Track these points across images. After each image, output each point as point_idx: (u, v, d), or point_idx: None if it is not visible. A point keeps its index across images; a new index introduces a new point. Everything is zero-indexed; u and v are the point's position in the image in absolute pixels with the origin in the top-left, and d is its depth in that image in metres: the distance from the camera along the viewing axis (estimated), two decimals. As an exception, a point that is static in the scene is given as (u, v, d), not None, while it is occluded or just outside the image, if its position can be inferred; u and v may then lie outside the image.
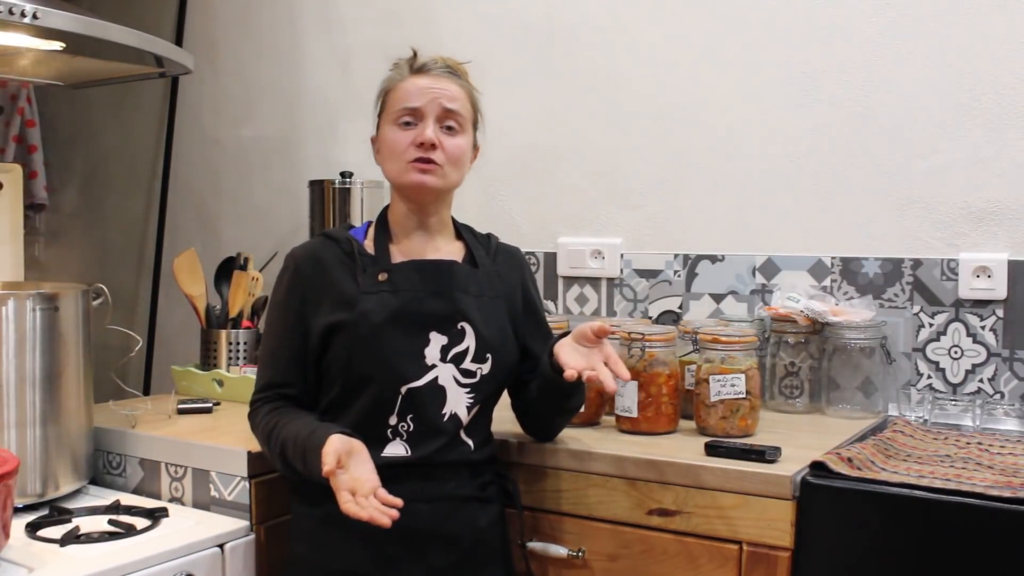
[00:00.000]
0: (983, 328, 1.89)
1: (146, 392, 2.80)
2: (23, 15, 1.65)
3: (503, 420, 1.70)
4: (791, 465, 1.50)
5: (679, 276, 2.18)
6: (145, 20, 2.79)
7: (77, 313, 1.77)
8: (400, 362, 1.53)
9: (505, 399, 1.68)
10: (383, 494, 1.37)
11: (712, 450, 1.56)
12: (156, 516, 1.67)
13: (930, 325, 1.93)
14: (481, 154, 1.68)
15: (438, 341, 1.55)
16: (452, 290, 1.57)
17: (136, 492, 1.84)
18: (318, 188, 2.40)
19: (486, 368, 1.57)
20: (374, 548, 1.49)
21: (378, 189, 2.37)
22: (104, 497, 1.79)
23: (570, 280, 2.31)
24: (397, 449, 1.53)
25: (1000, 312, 1.88)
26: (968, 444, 1.65)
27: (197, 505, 1.76)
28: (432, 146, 1.54)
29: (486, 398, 1.59)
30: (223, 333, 2.23)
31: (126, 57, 2.00)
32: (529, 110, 2.35)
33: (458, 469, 1.57)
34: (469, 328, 1.56)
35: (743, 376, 1.69)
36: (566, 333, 1.60)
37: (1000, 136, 1.88)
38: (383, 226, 1.63)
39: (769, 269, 2.09)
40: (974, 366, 1.89)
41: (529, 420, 1.69)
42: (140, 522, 1.65)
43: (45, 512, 1.68)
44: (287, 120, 2.72)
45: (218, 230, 2.85)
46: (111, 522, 1.65)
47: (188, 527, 1.65)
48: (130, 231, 3.04)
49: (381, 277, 1.55)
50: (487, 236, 1.71)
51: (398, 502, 1.36)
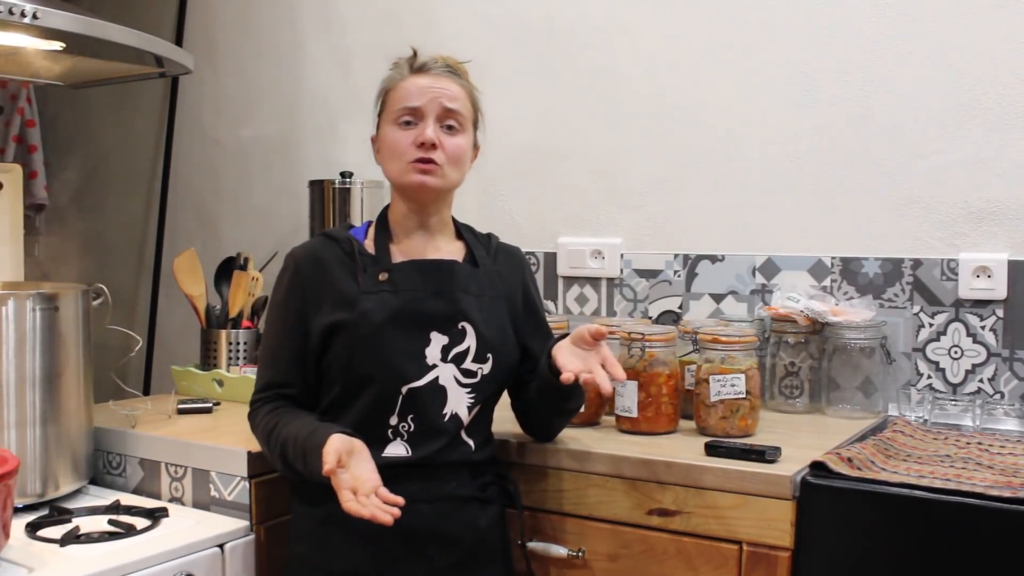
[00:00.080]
0: (983, 328, 1.89)
1: (146, 392, 2.81)
2: (23, 15, 1.65)
3: (503, 420, 1.70)
4: (791, 465, 1.50)
5: (679, 276, 2.18)
6: (145, 20, 2.79)
7: (77, 313, 1.77)
8: (401, 362, 1.52)
9: (505, 399, 1.68)
10: (384, 493, 1.37)
11: (712, 450, 1.56)
12: (156, 516, 1.67)
13: (930, 325, 1.93)
14: (481, 154, 1.68)
15: (439, 341, 1.55)
16: (453, 290, 1.57)
17: (136, 492, 1.84)
18: (318, 188, 2.40)
19: (487, 368, 1.57)
20: (374, 548, 1.49)
21: (378, 189, 2.37)
22: (104, 497, 1.79)
23: (570, 280, 2.31)
24: (398, 449, 1.53)
25: (1000, 312, 1.88)
26: (968, 444, 1.65)
27: (197, 505, 1.76)
28: (432, 146, 1.54)
29: (487, 398, 1.59)
30: (223, 333, 2.24)
31: (126, 57, 2.00)
32: (529, 110, 2.35)
33: (459, 469, 1.57)
34: (470, 328, 1.56)
35: (743, 376, 1.69)
36: (566, 334, 1.60)
37: (1000, 136, 1.88)
38: (383, 226, 1.63)
39: (769, 269, 2.09)
40: (974, 366, 1.90)
41: (529, 420, 1.69)
42: (140, 522, 1.65)
43: (45, 512, 1.68)
44: (287, 120, 2.72)
45: (218, 230, 2.85)
46: (111, 522, 1.65)
47: (188, 527, 1.65)
48: (130, 231, 3.04)
49: (382, 277, 1.55)
50: (487, 236, 1.71)
51: (400, 500, 1.36)
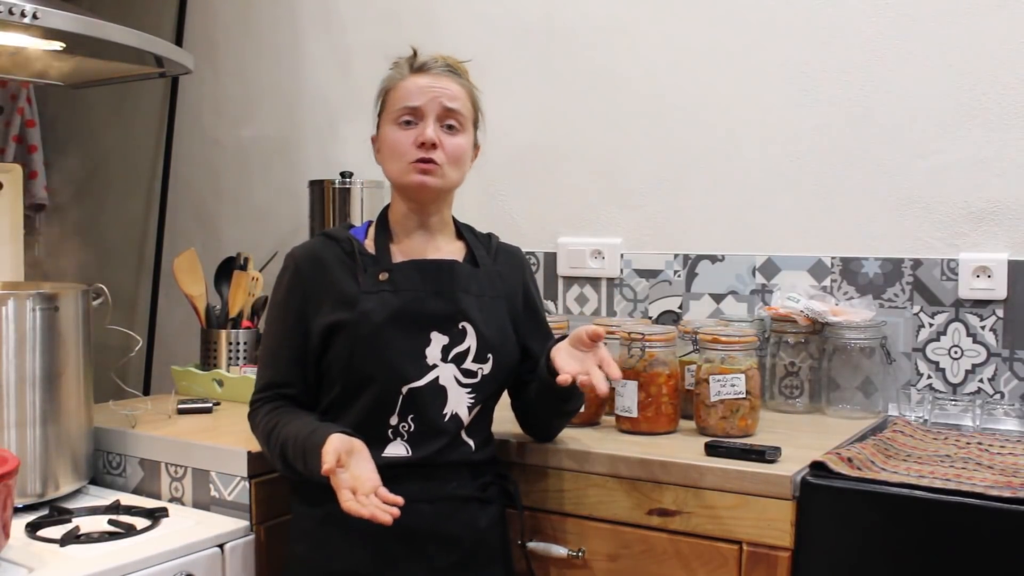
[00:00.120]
0: (983, 328, 1.89)
1: (146, 392, 2.80)
2: (23, 15, 1.65)
3: (503, 420, 1.69)
4: (791, 465, 1.50)
5: (679, 276, 2.18)
6: (145, 20, 2.79)
7: (77, 313, 1.77)
8: (401, 362, 1.52)
9: (505, 399, 1.68)
10: (384, 492, 1.37)
11: (712, 450, 1.56)
12: (156, 516, 1.67)
13: (930, 325, 1.93)
14: (481, 154, 1.68)
15: (439, 341, 1.55)
16: (453, 290, 1.57)
17: (136, 492, 1.84)
18: (318, 188, 2.40)
19: (487, 368, 1.57)
20: (374, 548, 1.49)
21: (378, 189, 2.37)
22: (104, 497, 1.79)
23: (570, 280, 2.31)
24: (398, 449, 1.53)
25: (1000, 312, 1.88)
26: (968, 444, 1.65)
27: (197, 505, 1.76)
28: (433, 145, 1.54)
29: (487, 398, 1.59)
30: (223, 333, 2.23)
31: (126, 57, 2.00)
32: (529, 110, 2.35)
33: (459, 469, 1.57)
34: (470, 328, 1.56)
35: (743, 376, 1.69)
36: (566, 335, 1.60)
37: (1000, 136, 1.88)
38: (383, 225, 1.63)
39: (769, 269, 2.09)
40: (974, 366, 1.89)
41: (529, 421, 1.69)
42: (140, 522, 1.65)
43: (45, 512, 1.68)
44: (287, 120, 2.72)
45: (218, 230, 2.85)
46: (111, 522, 1.65)
47: (188, 527, 1.65)
48: (130, 231, 3.04)
49: (382, 277, 1.55)
50: (488, 236, 1.71)
51: (399, 500, 1.36)
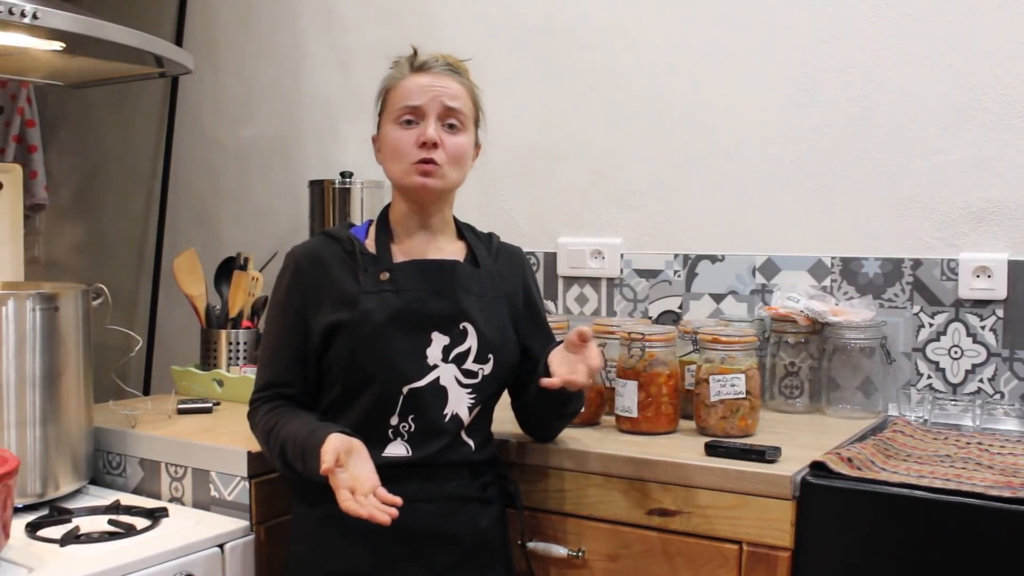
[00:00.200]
0: (983, 328, 1.88)
1: (146, 392, 2.80)
2: (23, 15, 1.65)
3: (503, 420, 1.69)
4: (791, 465, 1.50)
5: (679, 276, 2.18)
6: (145, 20, 2.79)
7: (77, 313, 1.77)
8: (402, 362, 1.52)
9: (505, 399, 1.68)
10: (383, 493, 1.37)
11: (712, 450, 1.56)
12: (156, 516, 1.67)
13: (930, 325, 1.93)
14: (481, 153, 1.67)
15: (440, 341, 1.54)
16: (455, 290, 1.57)
17: (136, 492, 1.84)
18: (318, 188, 2.40)
19: (488, 369, 1.57)
20: (374, 548, 1.49)
21: (378, 189, 2.37)
22: (104, 497, 1.79)
23: (570, 280, 2.31)
24: (398, 449, 1.53)
25: (1000, 312, 1.87)
26: (968, 444, 1.65)
27: (197, 505, 1.76)
28: (434, 145, 1.54)
29: (487, 398, 1.59)
30: (223, 333, 2.23)
31: (126, 57, 2.00)
32: (529, 110, 2.35)
33: (459, 469, 1.56)
34: (471, 328, 1.56)
35: (743, 376, 1.69)
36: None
37: (1000, 136, 1.88)
38: (384, 225, 1.62)
39: (769, 269, 2.09)
40: (974, 366, 1.89)
41: (529, 422, 1.69)
42: (140, 522, 1.65)
43: (45, 512, 1.68)
44: (287, 120, 2.72)
45: (218, 230, 2.85)
46: (111, 522, 1.65)
47: (188, 527, 1.65)
48: (130, 231, 3.04)
49: (383, 276, 1.55)
50: (488, 235, 1.71)
51: (398, 500, 1.36)
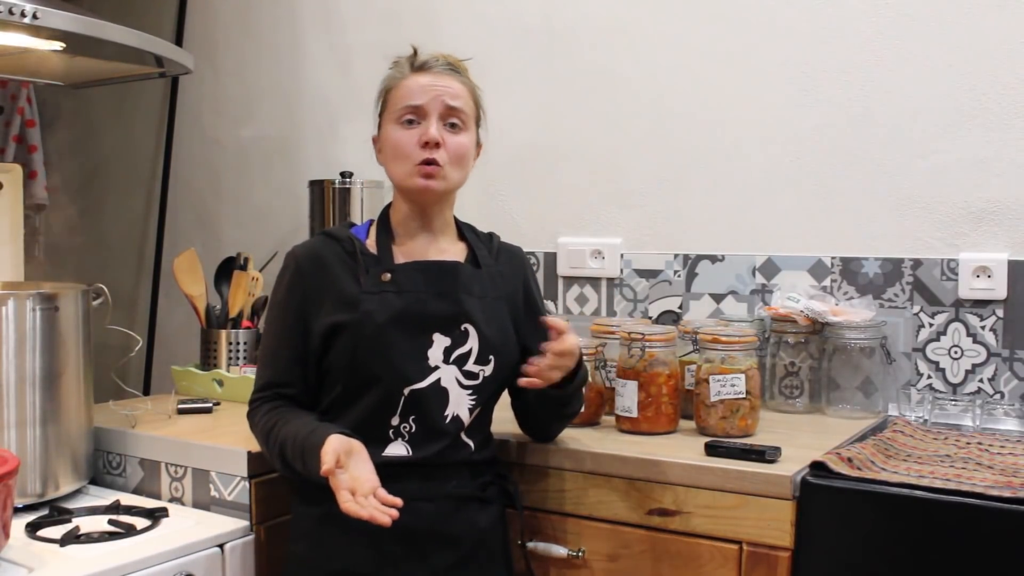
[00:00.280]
0: (983, 328, 1.88)
1: (146, 392, 2.80)
2: (23, 15, 1.65)
3: (503, 420, 1.69)
4: (791, 465, 1.50)
5: (679, 276, 2.18)
6: (145, 20, 2.79)
7: (77, 313, 1.77)
8: (403, 364, 1.52)
9: (505, 399, 1.68)
10: (383, 494, 1.37)
11: (712, 450, 1.56)
12: (156, 516, 1.67)
13: (930, 325, 1.93)
14: (482, 153, 1.67)
15: (441, 343, 1.54)
16: (456, 291, 1.56)
17: (136, 492, 1.84)
18: (318, 188, 2.40)
19: (488, 370, 1.57)
20: (374, 547, 1.49)
21: (378, 189, 2.37)
22: (104, 497, 1.79)
23: (570, 280, 2.31)
24: (398, 449, 1.53)
25: (1000, 312, 1.87)
26: (968, 444, 1.65)
27: (197, 505, 1.76)
28: (436, 144, 1.53)
29: (488, 399, 1.59)
30: (223, 333, 2.23)
31: (126, 57, 2.00)
32: (529, 110, 2.35)
33: (459, 469, 1.56)
34: (472, 330, 1.56)
35: (743, 376, 1.69)
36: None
37: (1000, 136, 1.88)
38: (385, 225, 1.62)
39: (769, 269, 2.09)
40: (974, 366, 1.89)
41: (528, 422, 1.69)
42: (140, 522, 1.65)
43: (45, 512, 1.68)
44: (287, 120, 2.72)
45: (218, 230, 2.85)
46: (111, 522, 1.65)
47: (188, 527, 1.65)
48: (130, 231, 3.04)
49: (384, 277, 1.54)
50: (489, 235, 1.71)
51: (398, 502, 1.36)
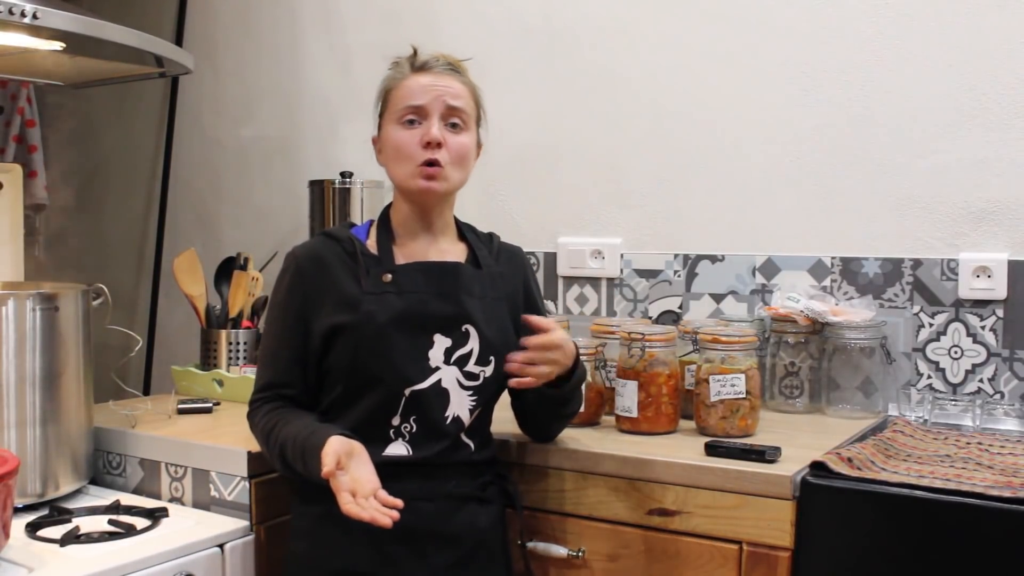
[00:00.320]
0: (983, 328, 1.88)
1: (146, 392, 2.81)
2: (23, 15, 1.65)
3: (503, 420, 1.69)
4: (791, 465, 1.50)
5: (679, 276, 2.18)
6: (145, 20, 2.79)
7: (77, 313, 1.77)
8: (404, 364, 1.52)
9: (505, 399, 1.68)
10: (383, 495, 1.37)
11: (712, 450, 1.56)
12: (156, 516, 1.67)
13: (930, 325, 1.93)
14: (482, 153, 1.67)
15: (442, 343, 1.54)
16: (457, 292, 1.56)
17: (136, 492, 1.84)
18: (318, 188, 2.40)
19: (489, 371, 1.57)
20: (374, 547, 1.49)
21: (378, 189, 2.37)
22: (104, 497, 1.79)
23: (570, 280, 2.31)
24: (399, 449, 1.53)
25: (1000, 312, 1.87)
26: (968, 444, 1.65)
27: (197, 505, 1.76)
28: (438, 144, 1.53)
29: (488, 400, 1.59)
30: (223, 333, 2.23)
31: (126, 57, 2.00)
32: (529, 110, 2.35)
33: (459, 469, 1.56)
34: (473, 331, 1.56)
35: (743, 376, 1.69)
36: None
37: (1000, 136, 1.88)
38: (385, 226, 1.62)
39: (769, 269, 2.09)
40: (974, 366, 1.89)
41: (528, 423, 1.69)
42: (140, 522, 1.65)
43: (45, 512, 1.68)
44: (287, 120, 2.72)
45: (218, 230, 2.85)
46: (111, 522, 1.65)
47: (188, 527, 1.65)
48: (130, 231, 3.04)
49: (386, 278, 1.54)
50: (489, 236, 1.70)
51: (398, 503, 1.36)
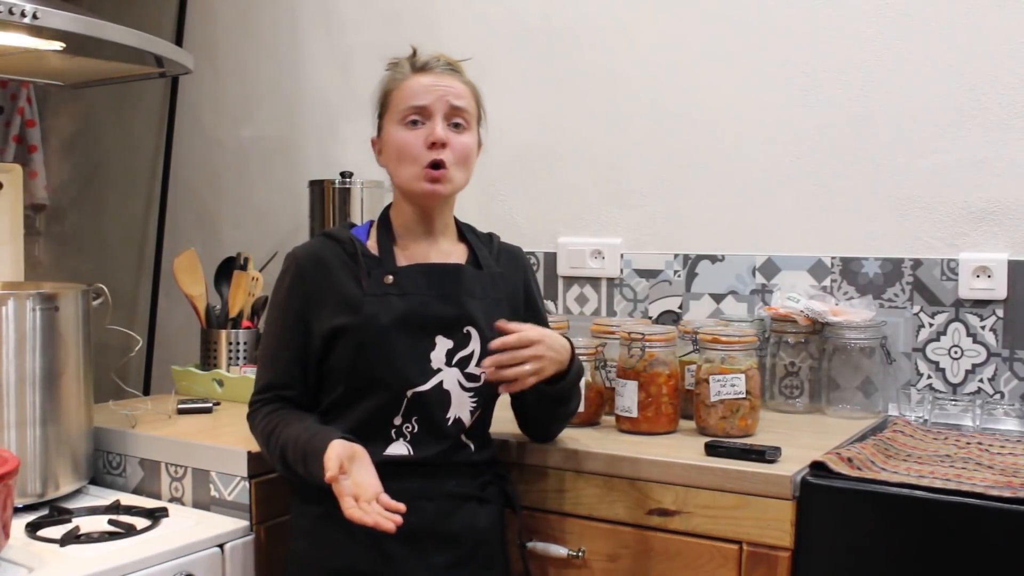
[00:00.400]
0: (983, 328, 1.88)
1: (146, 392, 2.80)
2: (23, 15, 1.65)
3: (503, 420, 1.69)
4: (791, 465, 1.50)
5: (679, 276, 2.18)
6: (145, 20, 2.79)
7: (77, 313, 1.77)
8: (406, 366, 1.52)
9: (505, 399, 1.68)
10: (386, 499, 1.37)
11: (712, 450, 1.56)
12: (156, 516, 1.67)
13: (930, 325, 1.93)
14: (482, 153, 1.67)
15: (444, 345, 1.54)
16: (459, 294, 1.56)
17: (136, 492, 1.84)
18: (318, 188, 2.39)
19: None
20: (374, 546, 1.49)
21: (378, 189, 2.36)
22: (104, 497, 1.79)
23: (570, 280, 2.31)
24: (399, 449, 1.53)
25: (1000, 312, 1.87)
26: (968, 444, 1.65)
27: (197, 505, 1.76)
28: (443, 145, 1.53)
29: (488, 401, 1.59)
30: (223, 333, 2.23)
31: (126, 57, 2.00)
32: (529, 110, 2.35)
33: (459, 469, 1.56)
34: (475, 332, 1.56)
35: (743, 376, 1.69)
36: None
37: (1000, 136, 1.88)
38: (386, 227, 1.62)
39: (769, 269, 2.09)
40: (974, 366, 1.89)
41: (528, 423, 1.69)
42: (140, 522, 1.65)
43: (45, 512, 1.68)
44: (287, 120, 2.72)
45: (218, 230, 2.85)
46: (111, 522, 1.65)
47: (188, 527, 1.65)
48: (130, 231, 3.04)
49: (387, 280, 1.54)
50: (488, 236, 1.70)
51: (401, 507, 1.36)
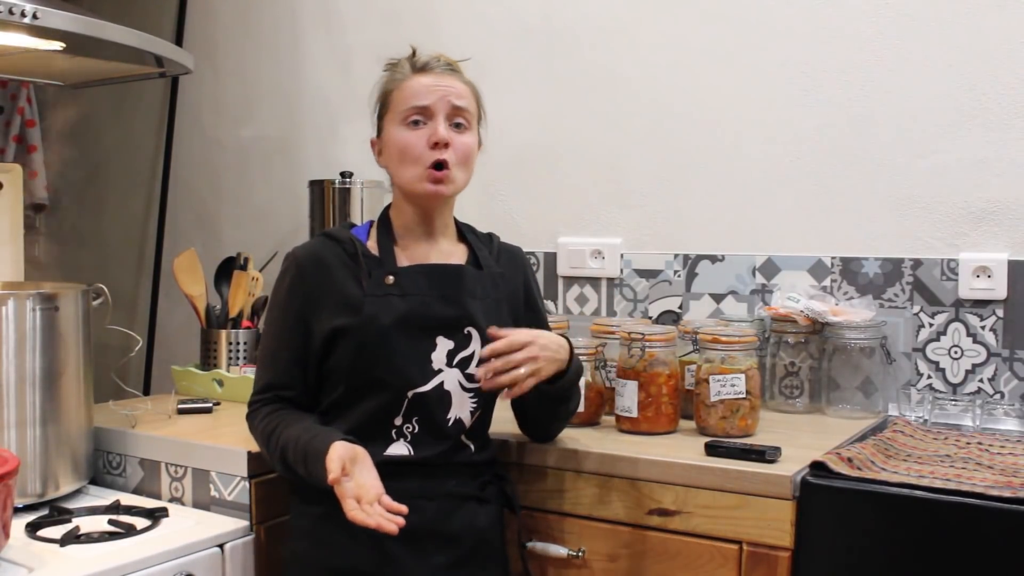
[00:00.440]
0: (983, 328, 1.89)
1: (146, 392, 2.80)
2: (23, 15, 1.65)
3: (503, 420, 1.69)
4: (791, 465, 1.50)
5: (679, 276, 2.18)
6: (145, 20, 2.79)
7: (77, 313, 1.77)
8: (407, 367, 1.52)
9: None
10: (387, 501, 1.37)
11: (712, 450, 1.56)
12: (156, 516, 1.67)
13: (930, 325, 1.93)
14: (481, 153, 1.67)
15: (444, 346, 1.54)
16: (460, 294, 1.56)
17: (136, 492, 1.84)
18: (318, 188, 2.39)
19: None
20: (374, 545, 1.49)
21: (378, 189, 2.36)
22: (104, 497, 1.79)
23: (570, 280, 2.31)
24: (400, 449, 1.53)
25: (1000, 312, 1.87)
26: (968, 444, 1.65)
27: (197, 505, 1.76)
28: (445, 145, 1.53)
29: (488, 402, 1.59)
30: (223, 333, 2.23)
31: (126, 57, 2.00)
32: (529, 110, 2.35)
33: (459, 469, 1.57)
34: (475, 333, 1.56)
35: (743, 376, 1.69)
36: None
37: (1000, 136, 1.88)
38: (386, 227, 1.61)
39: (769, 269, 2.09)
40: (974, 366, 1.89)
41: (528, 423, 1.69)
42: (140, 522, 1.65)
43: (45, 512, 1.68)
44: (287, 120, 2.72)
45: (218, 230, 2.85)
46: (111, 522, 1.65)
47: (188, 527, 1.65)
48: (130, 231, 3.04)
49: (388, 280, 1.54)
50: (488, 236, 1.70)
51: (403, 509, 1.36)
